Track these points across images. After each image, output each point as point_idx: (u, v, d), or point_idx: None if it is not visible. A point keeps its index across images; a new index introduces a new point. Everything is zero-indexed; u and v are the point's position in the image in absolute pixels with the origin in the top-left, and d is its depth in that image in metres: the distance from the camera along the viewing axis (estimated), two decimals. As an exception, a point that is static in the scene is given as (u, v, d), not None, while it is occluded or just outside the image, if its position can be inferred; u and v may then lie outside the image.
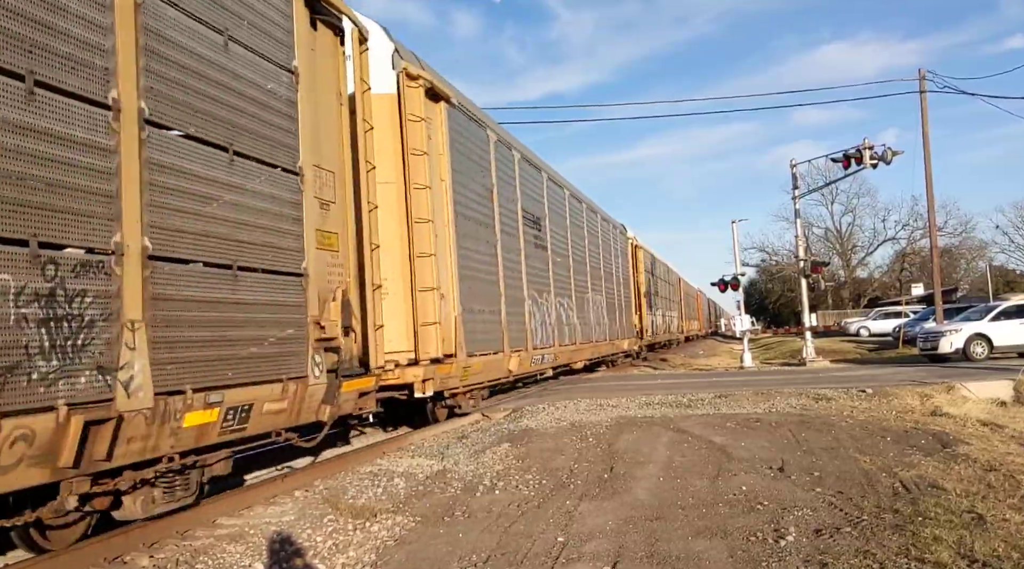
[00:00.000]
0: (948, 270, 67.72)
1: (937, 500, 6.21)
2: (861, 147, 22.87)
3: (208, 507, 6.94)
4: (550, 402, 13.81)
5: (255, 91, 7.05)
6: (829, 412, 11.18)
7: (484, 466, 8.61)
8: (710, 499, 6.67)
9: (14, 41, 4.68)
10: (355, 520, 6.56)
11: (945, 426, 9.79)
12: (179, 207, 5.97)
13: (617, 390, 16.19)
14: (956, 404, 11.96)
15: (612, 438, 9.72)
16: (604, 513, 6.41)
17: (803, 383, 15.54)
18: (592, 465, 8.37)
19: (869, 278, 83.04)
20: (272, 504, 7.39)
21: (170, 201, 5.88)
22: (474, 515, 6.62)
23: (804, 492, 6.74)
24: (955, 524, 5.53)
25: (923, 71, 26.06)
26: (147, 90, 5.72)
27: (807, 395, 13.14)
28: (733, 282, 25.58)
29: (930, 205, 27.55)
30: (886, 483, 6.93)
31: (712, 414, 11.38)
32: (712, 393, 14.09)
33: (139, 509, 6.01)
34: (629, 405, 13.06)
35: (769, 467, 7.78)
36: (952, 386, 13.36)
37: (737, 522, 5.93)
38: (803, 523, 5.82)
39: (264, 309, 6.87)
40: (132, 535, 6.02)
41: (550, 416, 12.06)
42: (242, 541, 6.10)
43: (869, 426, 9.81)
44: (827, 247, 79.91)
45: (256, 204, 6.90)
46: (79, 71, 5.14)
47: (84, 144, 5.15)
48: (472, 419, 12.89)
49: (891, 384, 14.10)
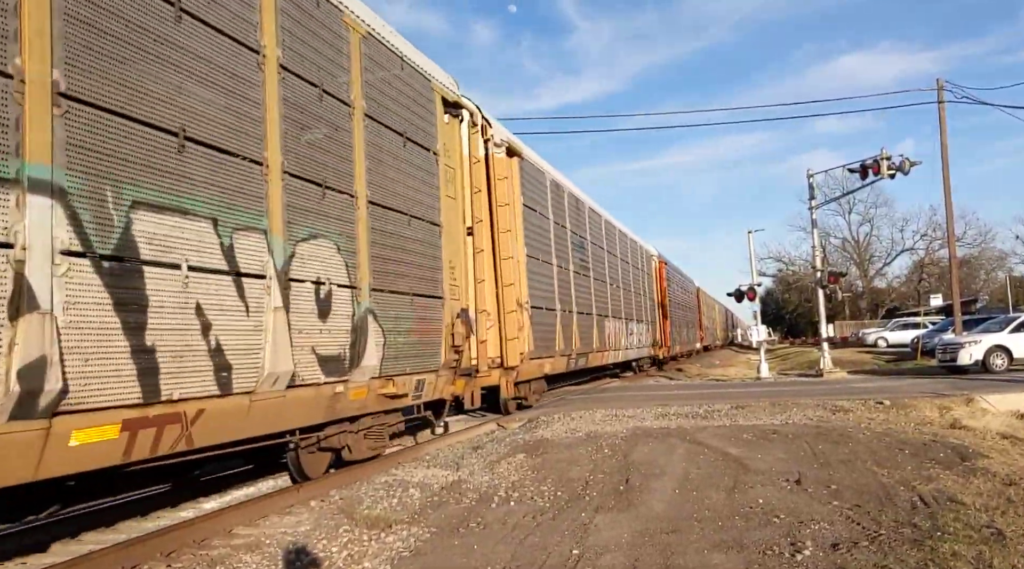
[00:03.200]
0: (967, 281, 67.19)
1: (956, 514, 6.15)
2: (878, 157, 22.76)
3: (225, 516, 6.99)
4: (565, 412, 13.80)
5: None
6: (846, 424, 11.10)
7: (499, 477, 8.61)
8: (726, 512, 6.64)
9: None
10: (370, 530, 6.58)
11: (964, 439, 9.70)
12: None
13: (633, 400, 16.15)
14: (975, 417, 11.84)
15: (628, 449, 9.69)
16: (619, 525, 6.39)
17: (820, 394, 15.44)
18: (608, 476, 8.35)
19: (887, 288, 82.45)
20: (288, 514, 7.43)
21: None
22: (489, 526, 6.62)
23: (821, 505, 6.70)
24: (974, 539, 5.48)
25: (941, 81, 25.96)
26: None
27: (824, 406, 13.06)
28: (749, 292, 25.45)
29: (948, 215, 27.37)
30: (904, 497, 6.87)
31: (728, 425, 11.33)
32: (728, 404, 14.03)
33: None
34: (645, 416, 13.03)
35: (786, 480, 7.73)
36: (971, 398, 13.23)
37: (753, 536, 5.90)
38: (820, 537, 5.78)
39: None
40: (150, 544, 6.07)
41: (565, 426, 12.05)
42: (258, 551, 6.13)
43: (887, 438, 9.73)
44: (844, 257, 79.54)
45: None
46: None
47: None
48: (487, 429, 12.91)
49: (909, 396, 13.99)
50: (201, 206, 6.05)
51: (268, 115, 6.95)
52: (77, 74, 5.01)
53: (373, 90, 9.02)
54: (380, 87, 9.22)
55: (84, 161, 5.03)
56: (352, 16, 8.64)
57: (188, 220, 5.90)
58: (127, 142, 5.39)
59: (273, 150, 6.98)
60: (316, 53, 7.85)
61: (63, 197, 4.85)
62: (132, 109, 5.44)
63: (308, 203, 7.49)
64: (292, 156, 7.28)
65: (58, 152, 4.83)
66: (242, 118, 6.59)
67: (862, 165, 23.36)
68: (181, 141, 5.88)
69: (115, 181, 5.28)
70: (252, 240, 6.60)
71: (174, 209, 5.77)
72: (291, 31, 7.44)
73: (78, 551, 6.13)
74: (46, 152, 4.76)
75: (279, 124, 7.11)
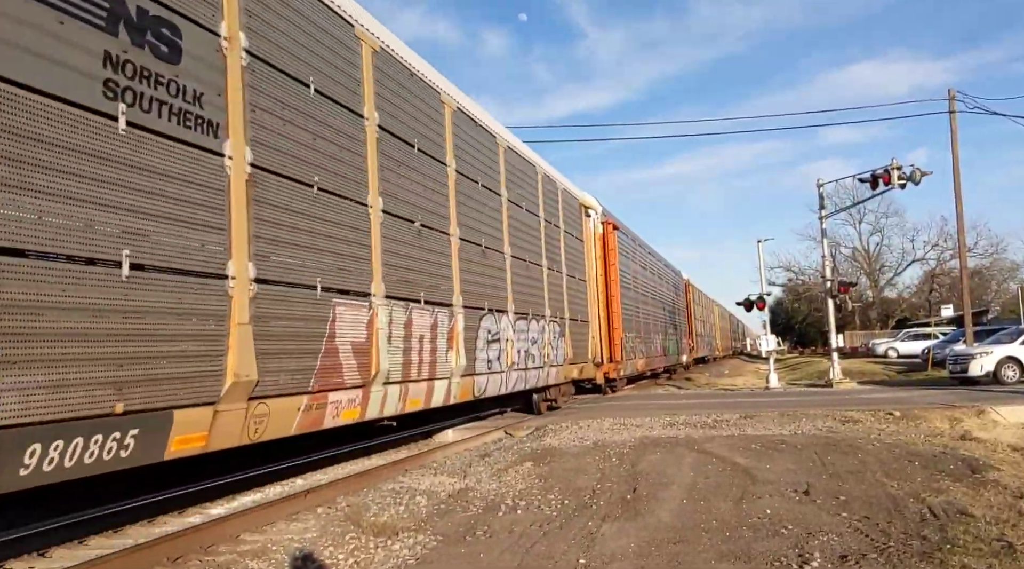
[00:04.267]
0: (978, 291, 66.73)
1: (966, 527, 6.10)
2: (889, 167, 22.70)
3: (231, 522, 7.00)
4: (573, 421, 13.78)
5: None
6: (856, 434, 11.04)
7: (506, 485, 8.60)
8: (734, 522, 6.60)
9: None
10: (376, 538, 6.57)
11: (975, 451, 9.63)
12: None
13: (641, 409, 16.11)
14: (986, 428, 11.76)
15: (635, 458, 9.66)
16: (626, 535, 6.37)
17: (829, 404, 15.36)
18: (615, 485, 8.32)
19: (897, 299, 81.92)
20: (294, 520, 7.43)
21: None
22: (495, 535, 6.61)
23: (830, 516, 6.66)
24: (984, 552, 5.43)
25: (953, 91, 25.84)
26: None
27: (833, 417, 12.99)
28: (759, 302, 25.37)
29: (960, 225, 27.22)
30: (913, 509, 6.82)
31: (737, 435, 11.28)
32: (737, 414, 13.98)
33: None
34: (653, 425, 12.99)
35: (794, 490, 7.69)
36: (982, 410, 13.14)
37: (761, 546, 5.87)
38: (828, 548, 5.74)
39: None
40: (156, 549, 6.08)
41: (573, 435, 12.02)
42: (264, 557, 6.13)
43: (896, 450, 9.67)
44: (854, 267, 79.03)
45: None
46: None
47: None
48: (495, 437, 12.89)
49: (919, 407, 13.90)
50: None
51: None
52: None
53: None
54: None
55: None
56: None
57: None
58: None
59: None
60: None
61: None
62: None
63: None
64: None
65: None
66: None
67: (872, 175, 23.31)
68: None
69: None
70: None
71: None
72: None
73: (85, 556, 6.13)
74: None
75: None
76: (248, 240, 6.48)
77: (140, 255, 5.34)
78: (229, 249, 6.24)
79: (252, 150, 6.65)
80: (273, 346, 6.70)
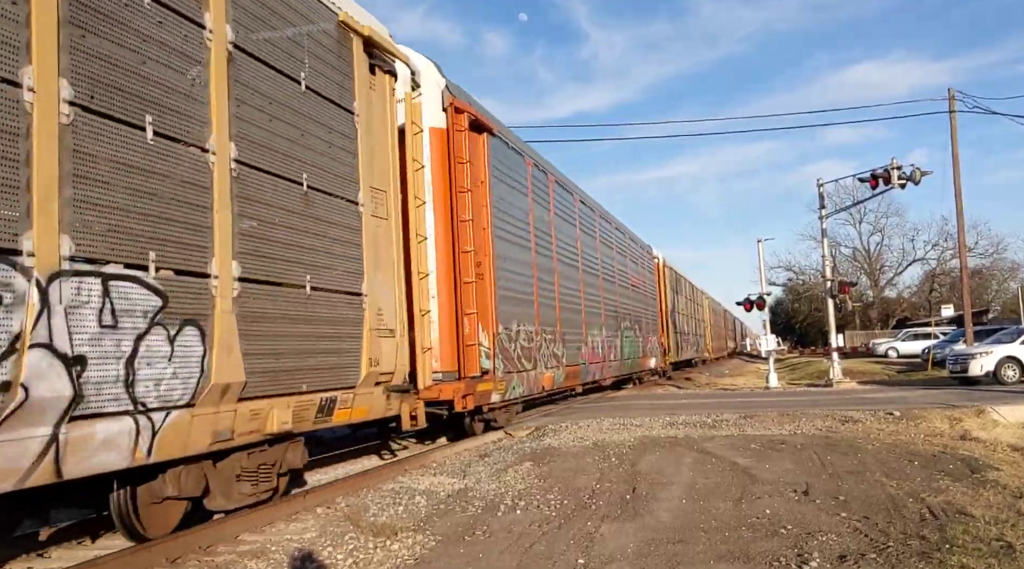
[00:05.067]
0: (979, 291, 66.74)
1: (965, 527, 6.09)
2: (889, 167, 22.70)
3: (231, 522, 7.00)
4: (573, 421, 13.77)
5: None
6: (855, 435, 11.04)
7: (505, 485, 8.60)
8: (733, 522, 6.60)
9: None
10: (376, 538, 6.57)
11: (974, 451, 9.63)
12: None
13: (641, 409, 16.10)
14: (986, 428, 11.75)
15: (635, 458, 9.66)
16: (626, 535, 6.37)
17: (829, 404, 15.36)
18: (614, 486, 8.32)
19: (898, 299, 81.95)
20: (294, 521, 7.43)
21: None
22: (495, 535, 6.61)
23: (829, 516, 6.65)
24: (983, 552, 5.42)
25: (952, 91, 25.87)
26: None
27: (833, 417, 12.99)
28: (759, 301, 25.38)
29: (960, 225, 27.23)
30: (913, 509, 6.82)
31: (736, 435, 11.28)
32: (736, 414, 13.97)
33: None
34: (653, 425, 12.98)
35: (793, 490, 7.69)
36: (982, 410, 13.14)
37: (760, 546, 5.87)
38: (827, 549, 5.74)
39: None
40: (155, 550, 6.08)
41: (572, 435, 12.02)
42: (264, 558, 6.13)
43: (896, 449, 9.67)
44: (855, 267, 79.06)
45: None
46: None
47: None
48: (494, 437, 12.88)
49: (919, 407, 13.90)
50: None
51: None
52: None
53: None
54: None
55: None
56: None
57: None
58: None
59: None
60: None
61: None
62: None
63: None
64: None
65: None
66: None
67: (872, 175, 23.30)
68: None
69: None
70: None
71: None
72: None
73: (84, 556, 6.13)
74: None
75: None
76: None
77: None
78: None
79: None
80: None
